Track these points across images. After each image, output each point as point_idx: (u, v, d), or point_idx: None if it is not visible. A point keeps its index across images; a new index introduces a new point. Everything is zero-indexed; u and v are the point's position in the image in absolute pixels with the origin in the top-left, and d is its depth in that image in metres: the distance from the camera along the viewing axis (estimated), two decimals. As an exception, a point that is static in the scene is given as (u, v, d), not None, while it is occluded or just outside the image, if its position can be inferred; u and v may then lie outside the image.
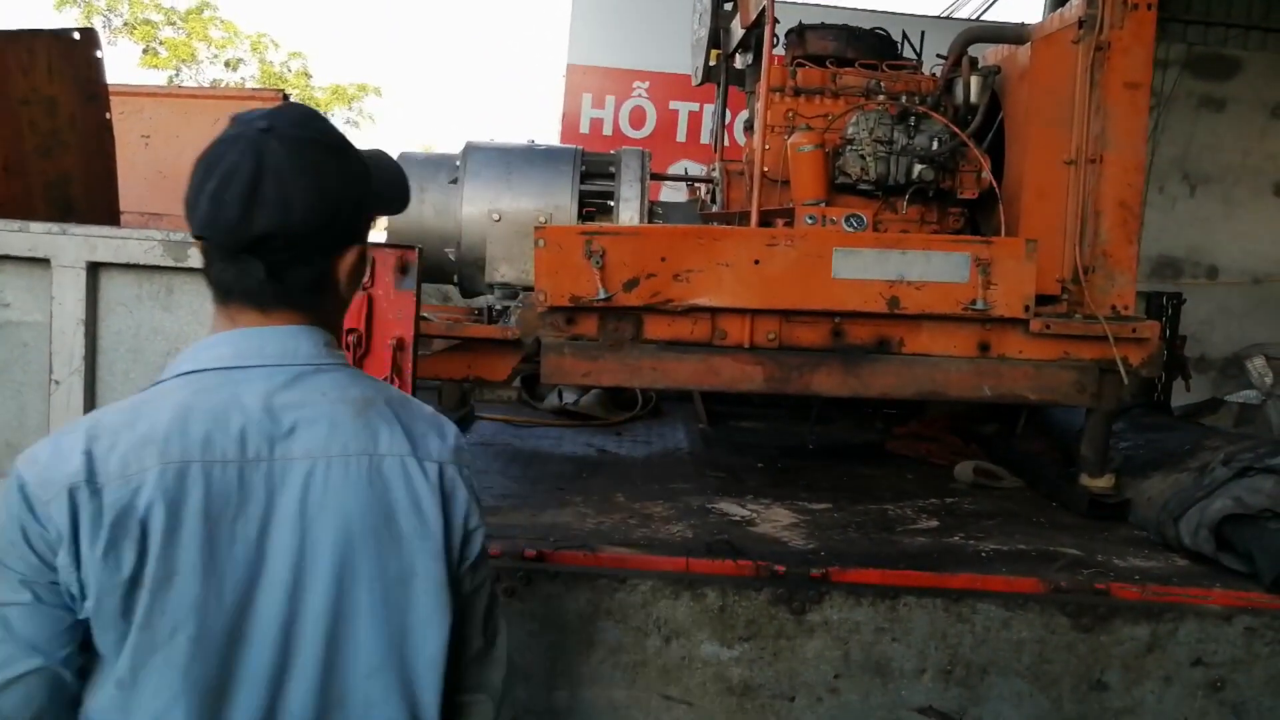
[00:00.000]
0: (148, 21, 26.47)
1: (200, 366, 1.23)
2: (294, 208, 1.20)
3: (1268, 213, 7.84)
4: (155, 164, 3.47)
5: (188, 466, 1.16)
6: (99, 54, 2.81)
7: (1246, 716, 2.30)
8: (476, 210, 3.28)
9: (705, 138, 7.27)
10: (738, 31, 3.59)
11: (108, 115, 2.88)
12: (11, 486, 1.16)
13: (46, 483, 1.14)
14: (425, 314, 3.34)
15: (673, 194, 5.85)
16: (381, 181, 1.36)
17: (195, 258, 2.35)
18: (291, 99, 3.61)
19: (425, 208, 3.36)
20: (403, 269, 2.37)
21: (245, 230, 1.19)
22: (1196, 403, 4.40)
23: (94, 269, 2.32)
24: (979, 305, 2.84)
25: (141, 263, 2.34)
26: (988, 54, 3.48)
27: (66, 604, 1.16)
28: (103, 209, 2.82)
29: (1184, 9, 8.02)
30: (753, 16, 3.29)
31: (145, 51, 26.36)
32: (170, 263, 2.34)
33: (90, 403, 2.36)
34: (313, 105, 31.24)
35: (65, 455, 1.15)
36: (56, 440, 1.19)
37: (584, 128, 7.46)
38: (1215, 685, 2.29)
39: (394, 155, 1.46)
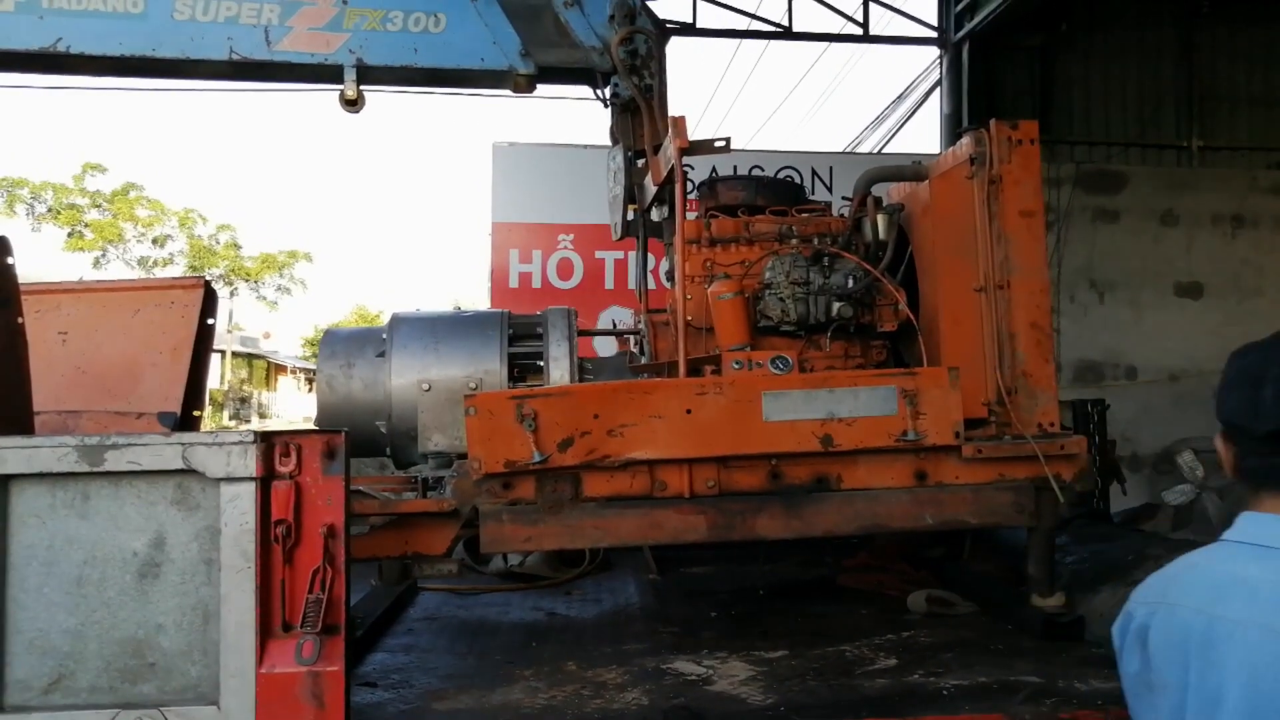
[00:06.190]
0: (73, 206, 26.58)
1: (1237, 538, 1.36)
2: None
3: (1172, 312, 8.23)
4: (73, 360, 3.39)
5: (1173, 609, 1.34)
6: (10, 260, 2.79)
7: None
8: (405, 381, 3.26)
9: (633, 284, 7.46)
10: (651, 187, 3.72)
11: (20, 319, 2.83)
12: None
13: None
14: (360, 487, 3.27)
15: (605, 345, 5.92)
16: None
17: (111, 461, 2.29)
18: (209, 278, 3.60)
19: (354, 382, 3.34)
20: (330, 454, 2.32)
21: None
22: (1134, 508, 4.47)
23: (3, 481, 2.23)
24: (910, 436, 2.88)
25: (55, 470, 2.26)
26: (891, 191, 3.65)
27: None
28: (13, 416, 2.73)
29: (1068, 131, 8.60)
30: (664, 173, 3.41)
31: (70, 235, 26.36)
32: (85, 468, 2.26)
33: (1, 621, 2.22)
34: (243, 274, 31.15)
35: None
36: None
37: (513, 282, 7.59)
38: (1193, 809, 2.22)
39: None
